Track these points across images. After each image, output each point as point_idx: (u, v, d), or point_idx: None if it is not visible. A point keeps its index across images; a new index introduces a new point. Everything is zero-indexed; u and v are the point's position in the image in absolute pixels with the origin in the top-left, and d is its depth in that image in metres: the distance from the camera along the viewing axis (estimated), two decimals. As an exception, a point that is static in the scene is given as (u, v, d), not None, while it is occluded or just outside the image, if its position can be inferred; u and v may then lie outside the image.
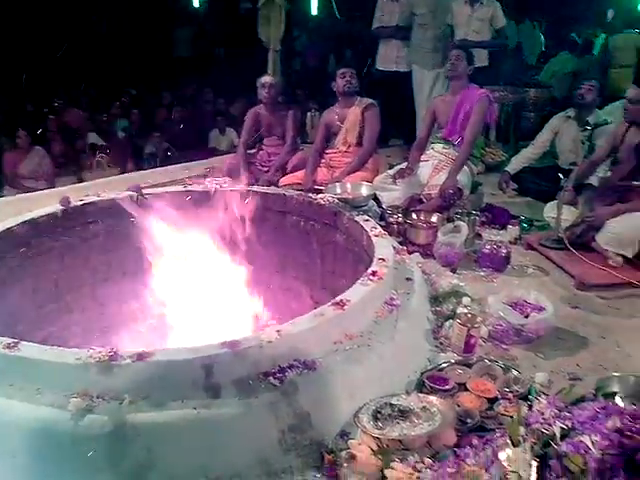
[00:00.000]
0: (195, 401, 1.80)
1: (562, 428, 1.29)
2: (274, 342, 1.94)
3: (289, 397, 1.88)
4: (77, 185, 4.71)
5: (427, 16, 5.34)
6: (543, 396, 1.65)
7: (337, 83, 4.28)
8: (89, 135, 6.44)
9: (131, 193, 3.45)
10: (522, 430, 1.36)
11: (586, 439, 1.21)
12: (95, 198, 3.37)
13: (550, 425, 1.30)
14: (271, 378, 1.90)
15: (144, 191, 3.56)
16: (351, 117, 4.28)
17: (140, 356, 1.81)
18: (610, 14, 7.58)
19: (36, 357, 1.86)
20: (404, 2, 5.45)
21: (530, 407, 1.50)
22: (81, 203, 3.33)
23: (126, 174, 5.24)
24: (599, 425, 1.24)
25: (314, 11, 10.19)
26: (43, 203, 3.37)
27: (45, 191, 4.68)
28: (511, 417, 1.73)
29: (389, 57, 5.69)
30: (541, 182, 4.34)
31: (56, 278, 3.19)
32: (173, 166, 5.45)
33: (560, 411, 1.36)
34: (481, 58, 5.10)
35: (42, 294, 3.13)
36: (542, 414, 1.36)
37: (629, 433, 1.19)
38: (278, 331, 1.99)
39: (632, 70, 5.96)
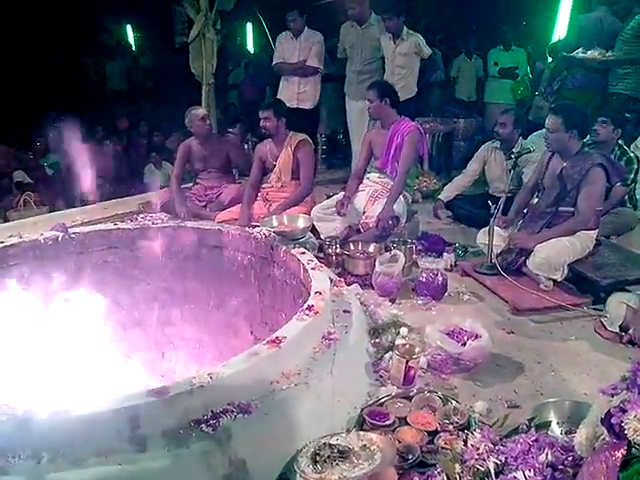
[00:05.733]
0: (120, 456, 1.68)
1: (496, 464, 1.27)
2: (206, 386, 1.85)
3: (223, 445, 1.79)
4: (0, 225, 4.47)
5: (351, 50, 5.48)
6: (478, 430, 1.63)
7: None
8: (15, 173, 6.17)
9: (56, 233, 3.29)
10: (458, 467, 1.33)
11: (520, 475, 1.19)
12: (16, 239, 3.20)
13: (485, 460, 1.28)
14: (203, 426, 1.80)
15: (71, 230, 3.41)
16: (283, 157, 4.26)
17: (58, 411, 1.68)
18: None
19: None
20: (302, 39, 5.54)
21: (465, 442, 1.48)
22: (1, 245, 3.15)
23: (53, 213, 5.01)
24: (532, 459, 1.23)
25: (250, 47, 10.29)
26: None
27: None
28: (451, 451, 1.70)
29: (289, 93, 5.63)
30: (472, 209, 4.44)
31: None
32: (105, 202, 5.27)
33: (494, 445, 1.34)
34: (410, 89, 5.23)
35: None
36: (477, 449, 1.33)
37: (561, 467, 1.18)
38: (210, 374, 1.90)
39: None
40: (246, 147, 6.19)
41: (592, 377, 2.50)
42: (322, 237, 3.92)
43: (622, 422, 1.13)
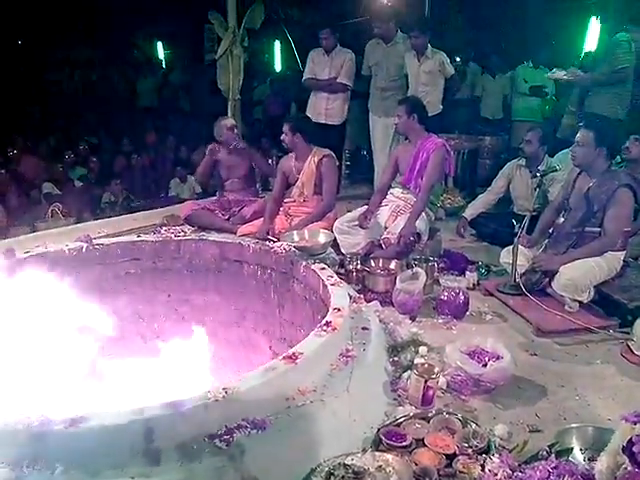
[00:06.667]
0: (133, 469, 1.68)
1: (514, 491, 1.22)
2: (221, 401, 1.84)
3: (236, 461, 1.78)
4: (27, 236, 4.54)
5: (376, 67, 5.50)
6: (497, 455, 1.59)
7: None
8: (44, 185, 6.30)
9: (81, 243, 3.34)
10: (474, 493, 1.29)
11: (538, 504, 1.14)
12: (42, 249, 3.26)
13: (503, 487, 1.24)
14: (217, 440, 1.79)
15: (95, 241, 3.46)
16: (307, 170, 4.25)
17: (73, 421, 1.69)
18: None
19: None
20: (334, 57, 5.57)
21: (483, 467, 1.44)
22: (28, 254, 3.21)
23: (79, 224, 5.09)
24: (551, 488, 1.18)
25: (277, 64, 10.42)
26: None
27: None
28: (468, 475, 1.66)
29: (318, 109, 5.67)
30: (497, 227, 4.38)
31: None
32: (130, 215, 5.34)
33: (513, 471, 1.30)
34: (435, 106, 5.22)
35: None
36: (495, 475, 1.29)
37: (581, 496, 1.13)
38: (225, 388, 1.89)
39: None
40: (270, 161, 6.23)
41: (617, 402, 2.42)
42: (343, 252, 3.90)
43: (646, 451, 1.08)
